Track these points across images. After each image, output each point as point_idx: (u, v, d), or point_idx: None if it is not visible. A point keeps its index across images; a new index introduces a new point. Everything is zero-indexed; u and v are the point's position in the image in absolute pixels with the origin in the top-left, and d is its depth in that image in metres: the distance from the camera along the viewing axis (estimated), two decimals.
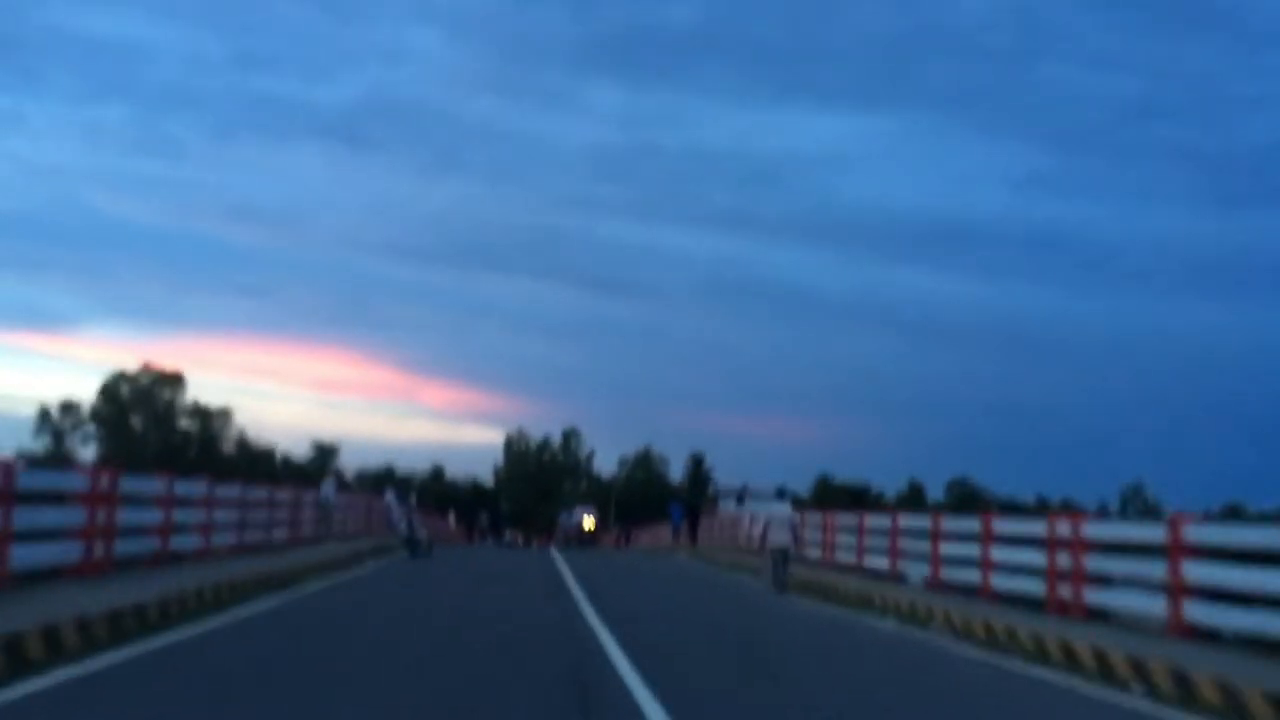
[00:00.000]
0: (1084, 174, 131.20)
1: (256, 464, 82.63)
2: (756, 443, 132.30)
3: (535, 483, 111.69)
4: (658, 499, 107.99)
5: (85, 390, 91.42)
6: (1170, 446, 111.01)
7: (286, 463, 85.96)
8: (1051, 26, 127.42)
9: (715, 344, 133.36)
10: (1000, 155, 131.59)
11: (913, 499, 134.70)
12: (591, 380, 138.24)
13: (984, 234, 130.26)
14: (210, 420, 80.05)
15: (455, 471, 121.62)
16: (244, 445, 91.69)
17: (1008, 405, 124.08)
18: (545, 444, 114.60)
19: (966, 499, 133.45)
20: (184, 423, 78.73)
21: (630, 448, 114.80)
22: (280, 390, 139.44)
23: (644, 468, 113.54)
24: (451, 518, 55.64)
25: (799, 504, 30.04)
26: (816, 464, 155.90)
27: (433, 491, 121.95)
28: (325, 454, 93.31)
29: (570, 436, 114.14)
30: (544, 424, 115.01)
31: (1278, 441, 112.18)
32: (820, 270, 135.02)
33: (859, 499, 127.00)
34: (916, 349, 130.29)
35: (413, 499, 39.58)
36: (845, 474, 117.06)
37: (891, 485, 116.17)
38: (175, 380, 77.50)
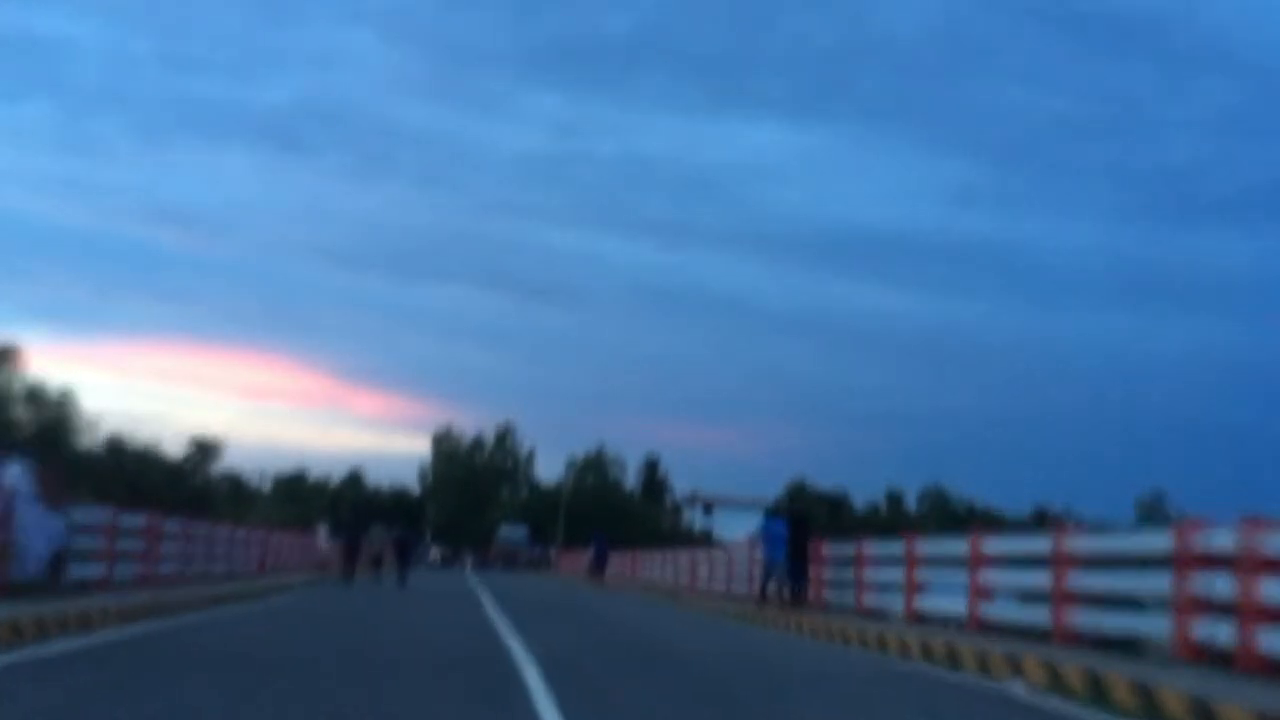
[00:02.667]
0: (1014, 188, 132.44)
1: (118, 465, 66.32)
2: (703, 450, 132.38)
3: (468, 489, 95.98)
4: (614, 511, 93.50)
5: None
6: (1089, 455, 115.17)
7: (145, 461, 69.76)
8: (984, 44, 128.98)
9: (651, 352, 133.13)
10: (934, 168, 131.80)
11: (892, 508, 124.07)
12: (528, 387, 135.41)
13: (918, 246, 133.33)
14: (48, 408, 63.62)
15: (379, 477, 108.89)
16: (114, 442, 75.17)
17: (938, 414, 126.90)
18: (478, 443, 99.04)
19: (940, 507, 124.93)
20: (18, 411, 62.54)
21: (575, 451, 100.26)
22: (206, 398, 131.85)
23: (595, 471, 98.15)
24: (321, 533, 37.57)
25: (801, 521, 22.13)
26: (767, 471, 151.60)
27: (350, 501, 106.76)
28: (205, 452, 77.13)
29: (505, 435, 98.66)
30: (479, 428, 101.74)
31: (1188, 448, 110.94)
32: (755, 280, 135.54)
33: (837, 509, 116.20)
34: (851, 359, 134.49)
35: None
36: (789, 480, 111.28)
37: (863, 494, 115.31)
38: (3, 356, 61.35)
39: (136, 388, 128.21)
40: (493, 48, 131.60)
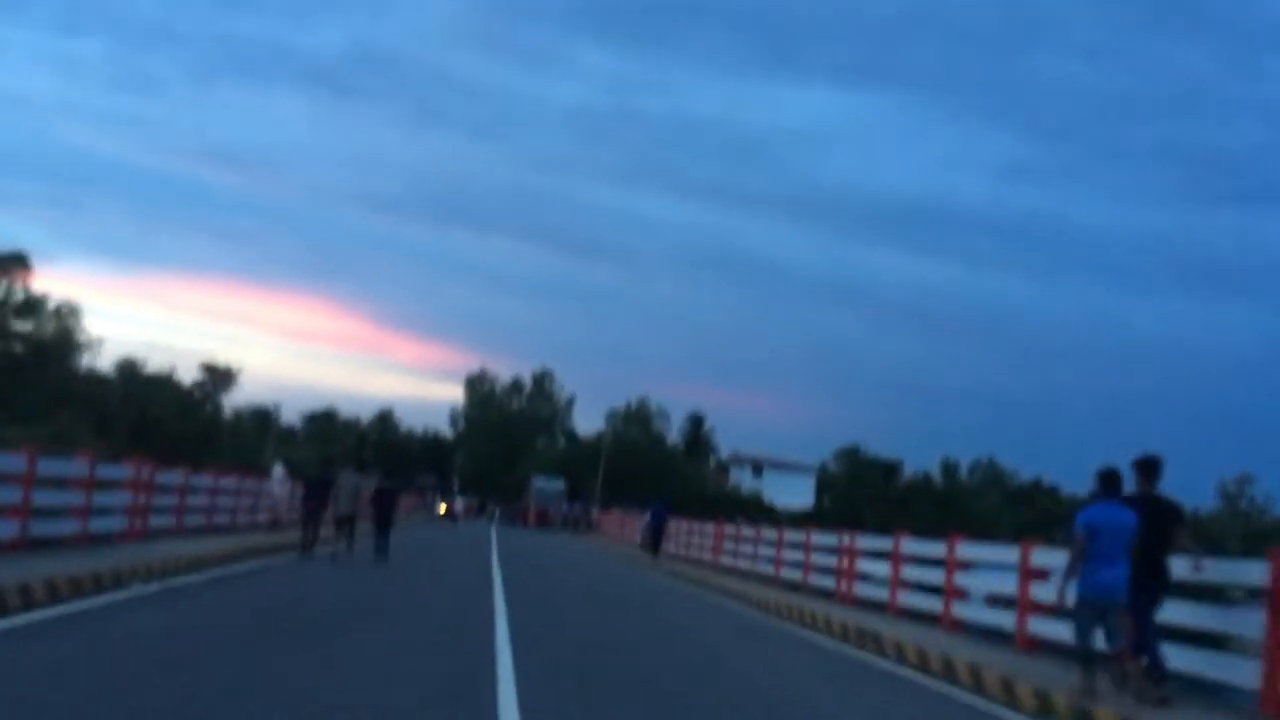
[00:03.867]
0: (1066, 165, 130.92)
1: (127, 393, 60.46)
2: (741, 413, 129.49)
3: (500, 436, 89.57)
4: (657, 468, 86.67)
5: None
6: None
7: (153, 386, 63.91)
8: (1042, 16, 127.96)
9: (692, 314, 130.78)
10: (984, 141, 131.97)
11: (947, 478, 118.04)
12: (568, 342, 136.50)
13: (965, 219, 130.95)
14: (47, 323, 57.65)
15: (413, 423, 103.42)
16: (125, 366, 69.62)
17: (975, 389, 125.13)
18: (515, 387, 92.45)
19: (993, 480, 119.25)
20: (14, 325, 56.62)
21: (616, 404, 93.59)
22: (252, 336, 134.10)
23: (640, 423, 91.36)
24: (276, 475, 25.76)
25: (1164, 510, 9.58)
26: (811, 436, 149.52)
27: (378, 446, 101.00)
28: (216, 379, 71.15)
29: (544, 379, 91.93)
30: (516, 372, 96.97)
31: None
32: (799, 246, 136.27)
33: (891, 475, 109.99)
34: (892, 329, 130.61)
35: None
36: (840, 445, 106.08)
37: (914, 462, 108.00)
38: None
39: (181, 323, 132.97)
40: (546, 1, 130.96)
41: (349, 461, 30.72)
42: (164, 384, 72.40)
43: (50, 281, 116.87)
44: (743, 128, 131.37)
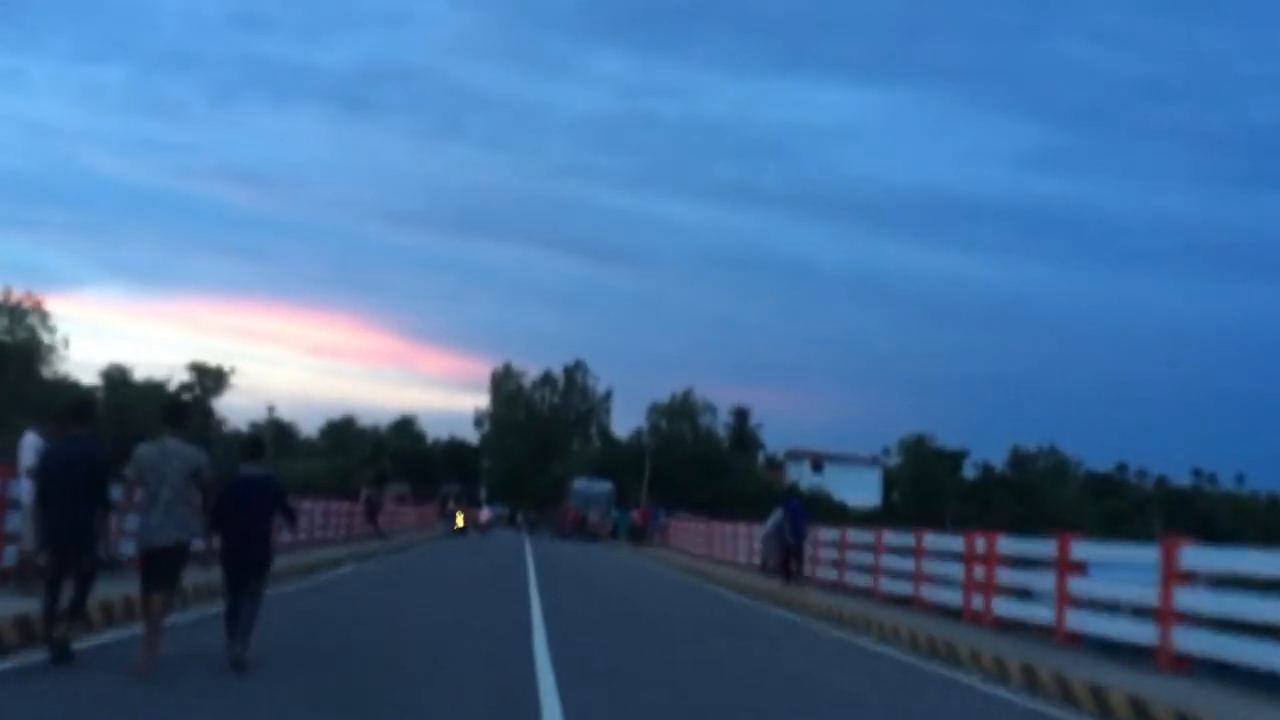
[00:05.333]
0: (1088, 152, 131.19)
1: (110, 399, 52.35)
2: (776, 409, 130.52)
3: (531, 438, 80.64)
4: (709, 467, 77.58)
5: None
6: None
7: (134, 391, 55.64)
8: (1059, 2, 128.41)
9: (715, 314, 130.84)
10: (1005, 132, 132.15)
11: (1016, 467, 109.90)
12: (594, 348, 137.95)
13: (987, 210, 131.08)
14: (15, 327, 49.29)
15: (438, 433, 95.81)
16: (113, 373, 61.52)
17: (1000, 378, 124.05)
18: (545, 381, 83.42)
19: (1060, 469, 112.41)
20: None
21: (657, 398, 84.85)
22: (279, 355, 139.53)
23: (686, 419, 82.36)
24: (24, 455, 8.65)
25: None
26: (857, 429, 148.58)
27: (397, 454, 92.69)
28: (208, 382, 62.57)
29: (576, 373, 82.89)
30: (546, 366, 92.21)
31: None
32: (820, 243, 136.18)
33: (958, 464, 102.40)
34: (917, 323, 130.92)
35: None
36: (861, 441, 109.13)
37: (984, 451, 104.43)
38: None
39: (208, 345, 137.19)
40: (559, 9, 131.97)
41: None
42: (151, 391, 64.22)
43: (78, 307, 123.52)
44: (759, 127, 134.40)
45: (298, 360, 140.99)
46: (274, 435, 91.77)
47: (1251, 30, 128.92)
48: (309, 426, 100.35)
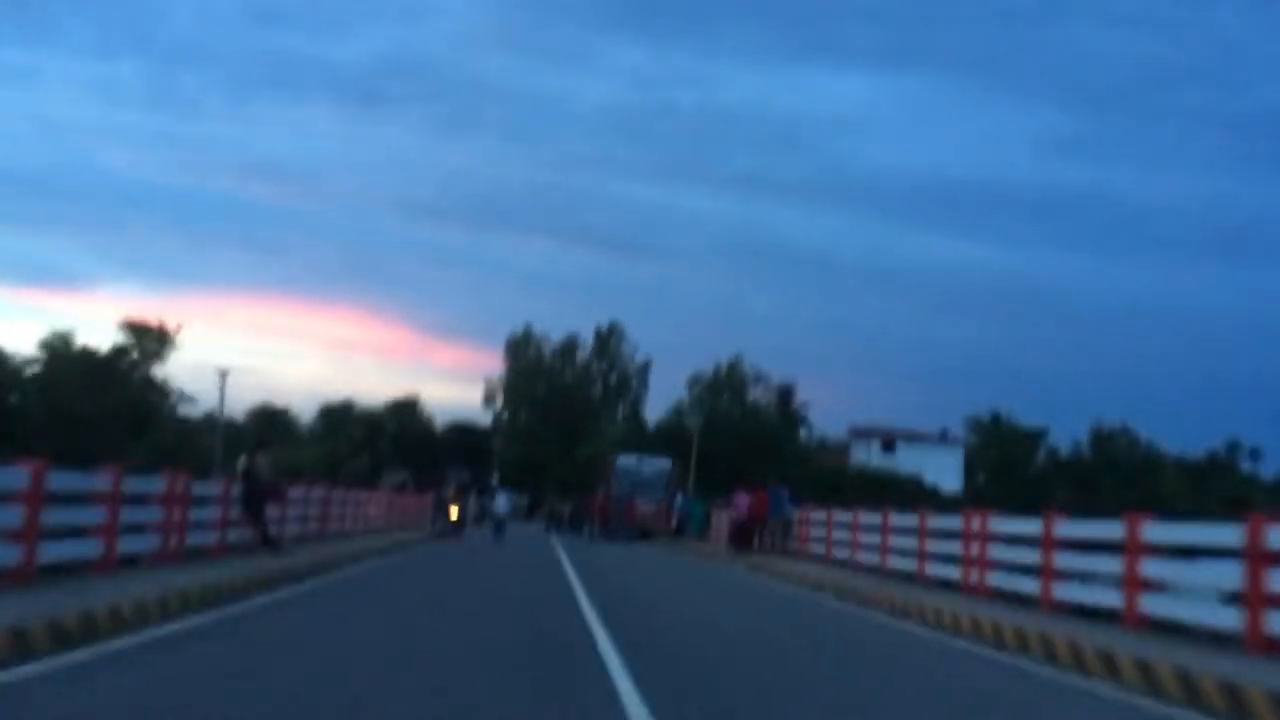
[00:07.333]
0: (1107, 137, 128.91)
1: None
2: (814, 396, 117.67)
3: (553, 413, 68.01)
4: (763, 447, 65.24)
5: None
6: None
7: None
8: None
9: (735, 305, 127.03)
10: (1022, 118, 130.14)
11: (1097, 449, 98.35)
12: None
13: (1006, 198, 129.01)
14: None
15: (444, 416, 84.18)
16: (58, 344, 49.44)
17: (1024, 371, 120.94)
18: (571, 346, 70.64)
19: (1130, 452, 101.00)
20: None
21: (701, 368, 72.55)
22: (294, 349, 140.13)
23: (732, 392, 69.80)
24: None
25: None
26: (896, 415, 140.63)
27: (396, 438, 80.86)
28: (147, 343, 49.97)
29: (610, 337, 70.06)
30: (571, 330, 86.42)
31: None
32: (838, 233, 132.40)
33: (1036, 442, 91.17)
34: (935, 313, 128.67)
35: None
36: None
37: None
38: None
39: (226, 340, 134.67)
40: (575, 0, 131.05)
41: None
42: (83, 360, 51.94)
43: (96, 305, 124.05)
44: (776, 116, 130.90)
45: (314, 354, 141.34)
46: (267, 424, 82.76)
47: (1273, 11, 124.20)
48: (308, 414, 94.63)
